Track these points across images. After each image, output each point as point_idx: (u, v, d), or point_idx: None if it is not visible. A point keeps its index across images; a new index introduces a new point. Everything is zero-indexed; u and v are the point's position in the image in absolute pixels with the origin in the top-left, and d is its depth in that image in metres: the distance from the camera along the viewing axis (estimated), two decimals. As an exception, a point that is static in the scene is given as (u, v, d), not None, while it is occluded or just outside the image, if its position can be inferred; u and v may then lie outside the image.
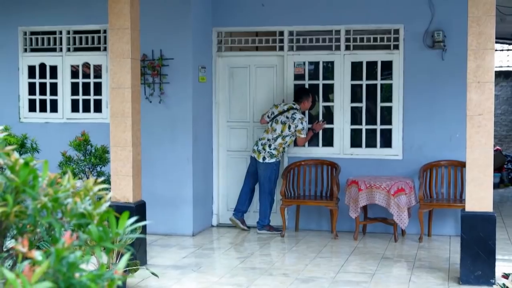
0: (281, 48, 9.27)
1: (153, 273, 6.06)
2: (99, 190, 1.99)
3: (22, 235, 1.84)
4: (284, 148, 8.91)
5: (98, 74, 9.32)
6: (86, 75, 9.34)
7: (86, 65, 9.37)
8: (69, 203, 1.92)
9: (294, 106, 8.84)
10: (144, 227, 6.87)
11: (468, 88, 6.45)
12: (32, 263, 1.64)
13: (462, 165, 8.25)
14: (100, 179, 2.11)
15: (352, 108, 9.11)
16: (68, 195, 1.94)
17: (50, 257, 1.62)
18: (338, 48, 9.08)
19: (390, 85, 8.99)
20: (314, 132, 9.04)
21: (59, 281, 1.61)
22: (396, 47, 8.90)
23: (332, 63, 9.17)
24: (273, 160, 8.81)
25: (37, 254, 1.63)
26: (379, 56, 9.01)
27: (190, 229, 8.78)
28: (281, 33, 9.25)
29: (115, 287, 1.69)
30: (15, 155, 1.94)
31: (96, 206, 1.93)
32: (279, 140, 8.80)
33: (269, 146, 8.79)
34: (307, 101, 8.88)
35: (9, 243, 2.07)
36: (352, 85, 9.09)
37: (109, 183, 7.02)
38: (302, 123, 8.78)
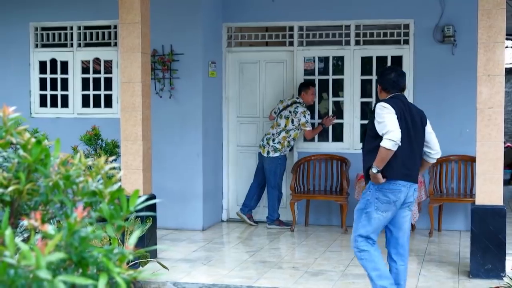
0: (291, 44, 9.28)
1: (163, 266, 6.09)
2: (110, 168, 2.01)
3: (35, 212, 1.86)
4: (289, 142, 8.91)
5: (108, 70, 9.36)
6: (97, 72, 9.39)
7: (96, 62, 9.41)
8: (81, 181, 1.95)
9: (297, 100, 8.87)
10: (154, 221, 6.90)
11: (478, 82, 6.44)
12: (44, 237, 1.66)
13: (472, 160, 8.23)
14: (111, 158, 2.13)
15: (362, 103, 9.11)
16: (80, 173, 1.97)
17: (63, 231, 1.65)
18: (348, 43, 9.08)
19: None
20: (323, 127, 9.05)
21: (71, 254, 1.64)
22: (406, 42, 8.89)
23: (342, 58, 9.17)
24: (277, 154, 8.83)
25: (49, 228, 1.65)
26: (389, 51, 9.00)
27: (200, 224, 8.81)
28: (291, 28, 9.26)
29: (126, 262, 1.71)
30: (27, 134, 1.97)
31: (107, 185, 1.96)
32: (283, 134, 8.82)
33: (273, 140, 8.83)
34: (306, 94, 8.88)
35: (23, 224, 2.10)
36: (362, 80, 9.09)
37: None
38: (305, 116, 8.79)
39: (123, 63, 7.09)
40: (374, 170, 5.14)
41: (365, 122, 9.09)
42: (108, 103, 9.30)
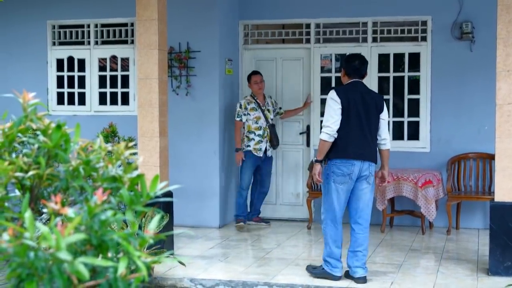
0: (308, 41, 9.25)
1: (180, 262, 6.10)
2: (130, 154, 2.00)
3: (55, 195, 1.85)
4: (247, 136, 8.65)
5: (125, 68, 9.38)
6: (114, 70, 9.41)
7: (113, 61, 9.44)
8: (101, 167, 1.94)
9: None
10: (171, 218, 6.90)
11: (498, 77, 6.38)
12: (64, 220, 1.66)
13: (491, 157, 8.17)
14: (131, 144, 2.12)
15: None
16: (100, 158, 1.96)
17: (83, 214, 1.64)
18: (365, 40, 9.04)
19: (418, 77, 8.93)
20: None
21: (91, 238, 1.63)
22: (424, 39, 8.83)
23: (359, 55, 9.11)
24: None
25: (69, 211, 1.65)
26: (406, 48, 8.95)
27: (217, 221, 8.80)
28: (308, 26, 9.22)
29: (145, 247, 1.70)
30: (47, 119, 1.96)
31: (127, 171, 1.95)
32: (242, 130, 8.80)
33: None
34: (250, 84, 8.72)
35: (43, 214, 2.09)
36: (379, 77, 9.04)
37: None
38: (236, 106, 8.73)
39: (140, 60, 7.10)
40: (313, 160, 6.29)
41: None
42: (125, 100, 9.32)
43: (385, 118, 6.22)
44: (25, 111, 1.98)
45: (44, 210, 2.06)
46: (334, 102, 6.02)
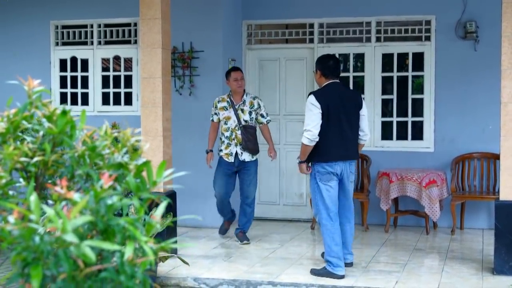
0: (311, 41, 9.23)
1: (183, 261, 6.06)
2: (136, 141, 1.98)
3: (61, 179, 1.83)
4: (221, 139, 7.89)
5: (128, 68, 9.37)
6: (117, 71, 9.40)
7: (116, 63, 9.42)
8: (107, 153, 1.92)
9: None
10: (174, 216, 6.87)
11: (503, 75, 6.35)
12: (70, 203, 1.63)
13: (495, 157, 8.14)
14: (137, 130, 2.10)
15: (382, 100, 9.03)
16: (106, 146, 1.94)
17: (88, 198, 1.61)
18: (368, 40, 9.01)
19: (422, 77, 8.91)
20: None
21: (97, 222, 1.60)
22: (428, 38, 8.81)
23: (362, 55, 9.10)
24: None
25: (75, 196, 1.62)
26: (410, 47, 8.92)
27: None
28: (311, 25, 9.20)
29: (152, 232, 1.67)
30: (52, 105, 1.94)
31: (133, 157, 1.92)
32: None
33: None
34: (229, 82, 7.80)
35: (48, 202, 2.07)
36: (383, 77, 9.01)
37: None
38: (212, 106, 7.98)
39: (144, 59, 7.08)
40: (297, 161, 6.40)
41: (386, 119, 9.03)
42: (128, 100, 9.31)
43: (365, 113, 6.45)
44: (30, 97, 1.96)
45: (50, 202, 2.04)
46: (313, 107, 6.16)
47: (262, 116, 7.89)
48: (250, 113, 7.78)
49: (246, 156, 7.76)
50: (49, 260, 1.48)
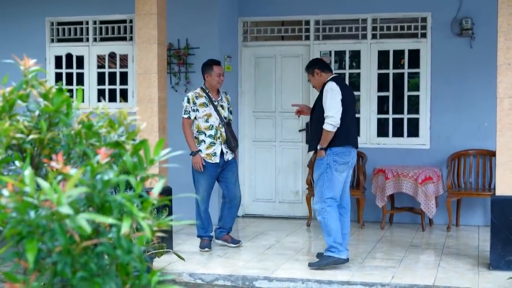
0: (307, 38, 9.22)
1: (179, 257, 6.03)
2: (133, 120, 1.96)
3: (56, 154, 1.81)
4: (197, 137, 7.35)
5: (124, 64, 9.35)
6: (112, 69, 9.38)
7: (111, 61, 9.40)
8: (103, 132, 1.90)
9: (200, 86, 7.52)
10: (170, 213, 6.84)
11: (498, 71, 6.35)
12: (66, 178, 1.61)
13: (491, 154, 8.14)
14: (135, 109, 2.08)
15: (378, 97, 9.03)
16: (102, 127, 1.92)
17: (84, 172, 1.60)
18: (364, 37, 9.01)
19: (417, 77, 8.91)
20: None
21: (94, 197, 1.58)
22: (424, 35, 8.81)
23: (358, 52, 9.09)
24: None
25: (71, 170, 1.60)
26: (406, 44, 8.93)
27: (215, 218, 8.72)
28: (307, 22, 9.20)
29: (149, 209, 1.66)
30: (48, 84, 1.93)
31: (130, 136, 1.91)
32: None
33: None
34: (210, 76, 7.31)
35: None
36: (379, 74, 9.01)
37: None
38: (184, 100, 7.42)
39: (139, 55, 7.06)
40: (318, 147, 6.37)
41: (382, 116, 9.02)
42: (124, 97, 9.29)
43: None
44: (25, 77, 1.94)
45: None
46: (336, 94, 6.31)
47: (231, 112, 7.52)
48: (228, 109, 7.41)
49: (229, 155, 7.36)
50: (44, 235, 1.47)
